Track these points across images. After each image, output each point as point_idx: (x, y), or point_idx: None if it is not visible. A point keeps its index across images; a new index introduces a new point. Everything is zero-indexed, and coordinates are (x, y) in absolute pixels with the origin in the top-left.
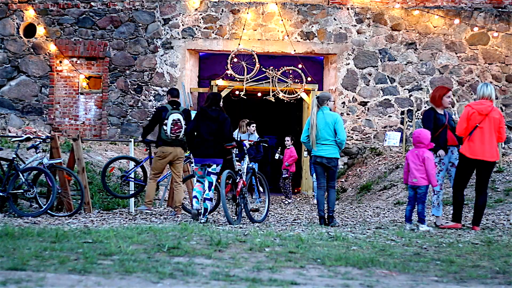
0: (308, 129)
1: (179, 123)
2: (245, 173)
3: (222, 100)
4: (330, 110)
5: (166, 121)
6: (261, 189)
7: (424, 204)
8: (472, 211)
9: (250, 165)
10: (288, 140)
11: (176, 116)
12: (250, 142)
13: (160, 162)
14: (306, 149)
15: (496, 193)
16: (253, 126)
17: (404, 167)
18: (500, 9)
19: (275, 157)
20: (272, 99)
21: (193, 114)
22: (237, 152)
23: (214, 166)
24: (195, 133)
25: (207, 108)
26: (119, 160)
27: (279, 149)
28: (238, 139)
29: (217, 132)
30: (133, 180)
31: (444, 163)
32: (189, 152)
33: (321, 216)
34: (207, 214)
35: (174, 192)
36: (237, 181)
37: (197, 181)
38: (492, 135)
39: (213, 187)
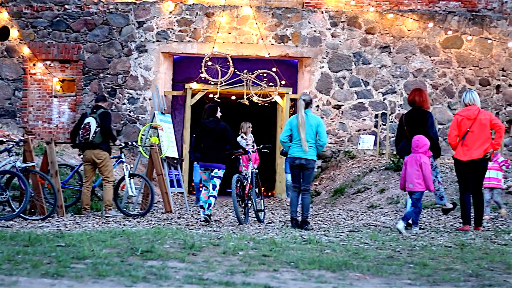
0: (289, 129)
1: (87, 127)
2: (249, 177)
3: (219, 110)
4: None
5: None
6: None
7: (419, 209)
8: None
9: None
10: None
11: (88, 120)
12: (252, 150)
13: (85, 166)
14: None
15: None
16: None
17: (401, 172)
18: (474, 13)
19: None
20: (247, 102)
21: (166, 117)
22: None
23: (216, 170)
24: (201, 144)
25: (205, 120)
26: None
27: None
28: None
29: (218, 141)
30: (68, 187)
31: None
32: (121, 153)
33: (293, 217)
34: (210, 208)
35: (103, 191)
36: (244, 184)
37: (203, 186)
38: (484, 136)
39: (217, 188)
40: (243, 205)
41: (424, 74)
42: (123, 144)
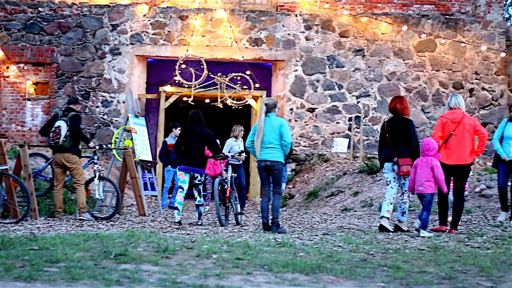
0: (253, 134)
1: (58, 130)
2: (228, 181)
3: (203, 116)
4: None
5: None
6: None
7: (429, 211)
8: (437, 216)
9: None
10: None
11: (58, 123)
12: (232, 154)
13: (55, 169)
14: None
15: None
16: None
17: (410, 175)
18: (447, 16)
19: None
20: (220, 105)
21: (140, 120)
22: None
23: (199, 176)
24: (182, 147)
25: (192, 124)
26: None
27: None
28: (233, 146)
29: (201, 145)
30: (42, 178)
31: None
32: (94, 154)
33: (265, 223)
34: (201, 218)
35: (77, 195)
36: (225, 187)
37: (179, 187)
38: (466, 140)
39: (201, 194)
40: (224, 207)
41: (397, 77)
42: (97, 147)
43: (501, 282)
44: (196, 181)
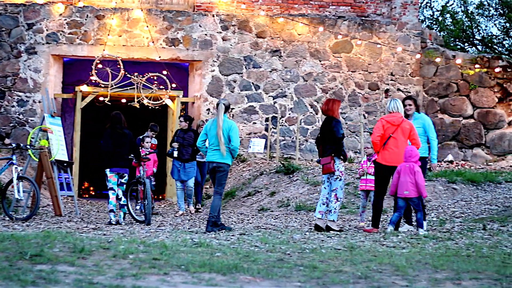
0: (204, 133)
1: None
2: (144, 180)
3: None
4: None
5: None
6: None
7: (422, 211)
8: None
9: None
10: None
11: None
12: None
13: None
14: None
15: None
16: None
17: (393, 180)
18: (363, 18)
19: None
20: (137, 105)
21: (56, 120)
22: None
23: (126, 176)
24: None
25: (116, 125)
26: None
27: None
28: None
29: (126, 146)
30: None
31: (342, 173)
32: (12, 154)
33: (209, 220)
34: (125, 218)
35: None
36: (140, 187)
37: (110, 189)
38: (404, 143)
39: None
40: (139, 206)
41: (314, 78)
42: (14, 145)
43: (416, 281)
44: (122, 181)
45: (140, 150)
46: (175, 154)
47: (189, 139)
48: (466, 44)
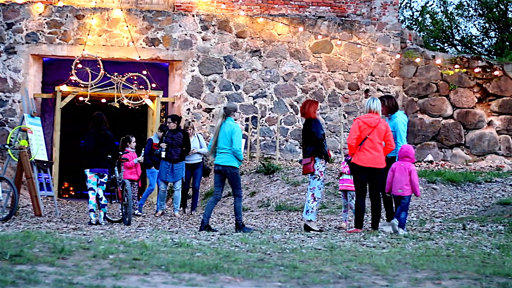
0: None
1: None
2: (122, 181)
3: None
4: (235, 120)
5: None
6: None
7: (407, 212)
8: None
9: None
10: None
11: None
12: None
13: None
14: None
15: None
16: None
17: (387, 178)
18: (343, 18)
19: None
20: (117, 105)
21: (36, 120)
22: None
23: (105, 176)
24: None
25: (99, 126)
26: None
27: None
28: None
29: (108, 146)
30: None
31: (322, 173)
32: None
33: (203, 222)
34: (105, 216)
35: None
36: (120, 188)
37: (90, 189)
38: (380, 144)
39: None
40: (121, 206)
41: (294, 78)
42: None
43: (396, 281)
44: (102, 180)
45: (126, 149)
46: (163, 154)
47: (178, 139)
48: (445, 45)
